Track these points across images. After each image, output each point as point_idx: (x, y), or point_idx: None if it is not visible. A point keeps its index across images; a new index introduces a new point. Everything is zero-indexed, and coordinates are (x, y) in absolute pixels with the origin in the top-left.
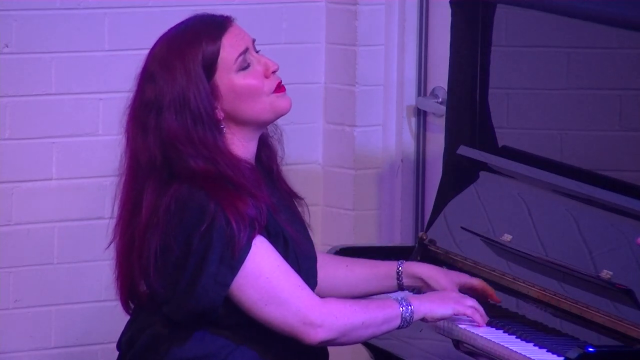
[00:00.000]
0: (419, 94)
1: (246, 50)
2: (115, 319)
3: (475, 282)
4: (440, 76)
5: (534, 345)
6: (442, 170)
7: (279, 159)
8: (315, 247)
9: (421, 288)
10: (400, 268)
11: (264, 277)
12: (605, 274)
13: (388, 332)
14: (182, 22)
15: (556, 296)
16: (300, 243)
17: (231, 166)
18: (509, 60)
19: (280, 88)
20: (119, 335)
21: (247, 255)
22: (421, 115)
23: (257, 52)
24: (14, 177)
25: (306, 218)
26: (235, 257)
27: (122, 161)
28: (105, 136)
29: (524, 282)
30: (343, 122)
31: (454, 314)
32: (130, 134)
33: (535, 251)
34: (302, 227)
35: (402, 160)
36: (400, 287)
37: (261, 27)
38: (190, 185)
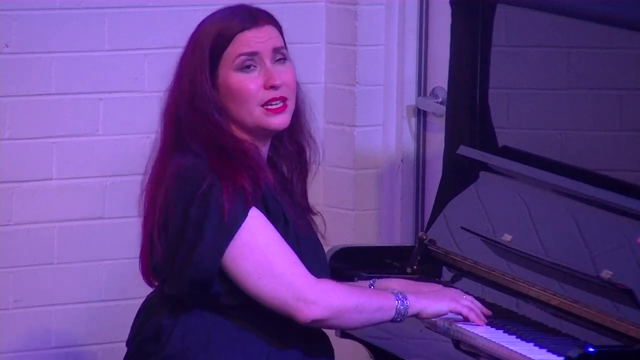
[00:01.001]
0: (419, 94)
1: (254, 53)
2: (116, 319)
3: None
4: (440, 76)
5: (534, 345)
6: (442, 170)
7: (306, 173)
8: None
9: None
10: (372, 287)
11: (259, 249)
12: (605, 274)
13: (382, 322)
14: (227, 7)
15: (556, 296)
16: (302, 229)
17: (234, 142)
18: (509, 60)
19: (275, 105)
20: (118, 336)
21: (242, 223)
22: (421, 115)
23: (282, 60)
24: (14, 177)
25: (321, 229)
26: (231, 224)
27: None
28: (105, 136)
29: (524, 282)
30: (343, 122)
31: (450, 312)
32: (163, 98)
33: (535, 251)
34: (312, 232)
35: (402, 160)
36: None
37: None
38: (194, 155)
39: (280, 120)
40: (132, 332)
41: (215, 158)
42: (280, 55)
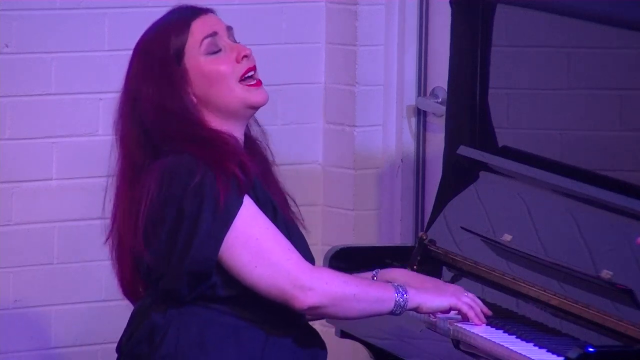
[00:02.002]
0: (419, 94)
1: (214, 33)
2: (115, 319)
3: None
4: (440, 76)
5: (534, 345)
6: (442, 170)
7: (270, 163)
8: (316, 247)
9: None
10: (375, 277)
11: (254, 238)
12: (605, 274)
13: (380, 313)
14: (164, 15)
15: (556, 296)
16: (288, 216)
17: (212, 134)
18: (509, 60)
19: (252, 81)
20: (118, 336)
21: (238, 210)
22: (421, 115)
23: (233, 40)
24: (14, 177)
25: (299, 217)
26: (227, 213)
27: (116, 157)
28: (105, 136)
29: (524, 282)
30: (343, 122)
31: (450, 307)
32: (116, 124)
33: (535, 251)
34: (295, 227)
35: (402, 160)
36: None
37: (261, 27)
38: (175, 154)
39: (262, 95)
40: (123, 336)
41: (200, 150)
42: (233, 36)
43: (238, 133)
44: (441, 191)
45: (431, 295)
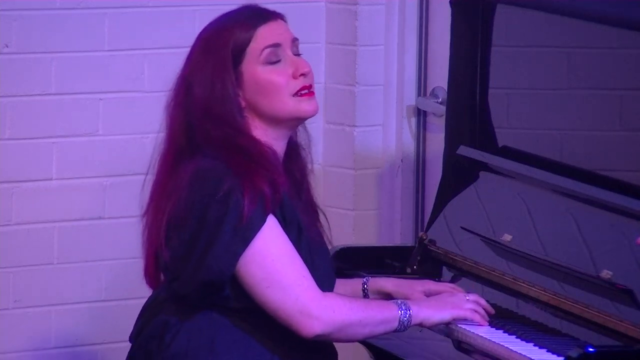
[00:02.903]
0: (419, 94)
1: (277, 44)
2: (116, 319)
3: (443, 288)
4: (440, 76)
5: (534, 345)
6: (442, 170)
7: (308, 171)
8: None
9: None
10: (365, 285)
11: (270, 258)
12: (605, 274)
13: (385, 333)
14: (234, 10)
15: (556, 296)
16: (314, 238)
17: (252, 145)
18: (509, 60)
19: (306, 91)
20: (118, 336)
21: (260, 229)
22: (421, 115)
23: (297, 54)
24: (14, 177)
25: (327, 233)
26: (249, 229)
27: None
28: (105, 136)
29: (524, 282)
30: (343, 122)
31: (453, 319)
32: (167, 108)
33: (535, 251)
34: (322, 241)
35: (402, 160)
36: None
37: None
38: (212, 158)
39: (314, 106)
40: (136, 327)
41: (234, 160)
42: (297, 48)
43: (281, 142)
44: (441, 191)
45: (433, 310)
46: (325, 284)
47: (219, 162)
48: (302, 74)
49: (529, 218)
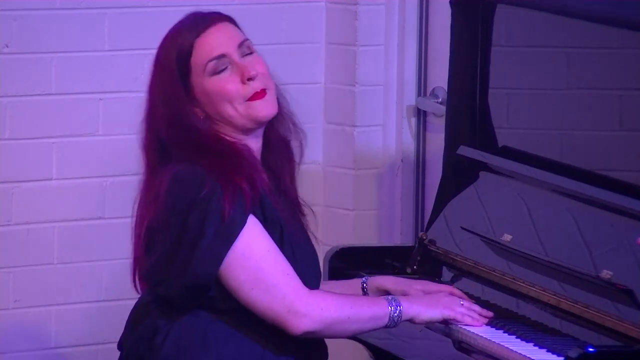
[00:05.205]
0: (419, 94)
1: (221, 55)
2: (115, 319)
3: (444, 289)
4: (440, 76)
5: (534, 345)
6: (442, 170)
7: (291, 165)
8: (316, 247)
9: None
10: (365, 284)
11: (254, 259)
12: (605, 274)
13: (375, 329)
14: (179, 19)
15: (556, 296)
16: (296, 234)
17: (224, 145)
18: (509, 60)
19: (257, 95)
20: (118, 336)
21: (241, 230)
22: (421, 115)
23: (249, 53)
24: (14, 177)
25: (312, 228)
26: (230, 229)
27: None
28: (105, 136)
29: (524, 282)
30: (343, 122)
31: (444, 319)
32: (140, 124)
33: (535, 251)
34: (306, 236)
35: (402, 160)
36: None
37: (261, 27)
38: (187, 162)
39: (265, 107)
40: (124, 334)
41: (210, 162)
42: (246, 48)
43: (253, 140)
44: (441, 191)
45: (424, 307)
46: (310, 281)
47: (195, 166)
48: (249, 78)
49: (529, 218)
